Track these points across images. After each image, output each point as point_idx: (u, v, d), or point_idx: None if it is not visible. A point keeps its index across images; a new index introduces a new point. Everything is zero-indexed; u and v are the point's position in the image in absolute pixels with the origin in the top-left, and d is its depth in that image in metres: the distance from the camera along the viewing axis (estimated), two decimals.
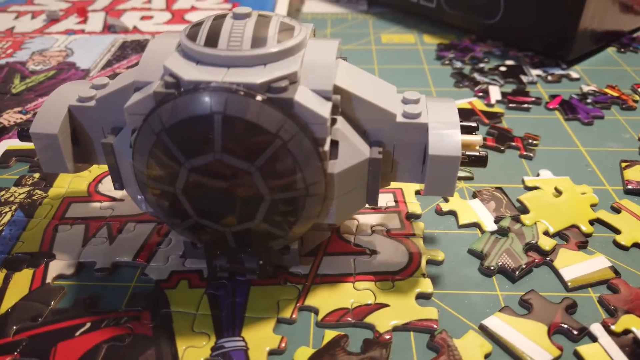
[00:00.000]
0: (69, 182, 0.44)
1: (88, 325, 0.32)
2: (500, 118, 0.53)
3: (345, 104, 0.31)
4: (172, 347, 0.31)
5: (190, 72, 0.29)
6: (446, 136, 0.31)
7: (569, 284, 0.34)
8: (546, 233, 0.38)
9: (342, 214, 0.33)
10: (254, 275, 0.33)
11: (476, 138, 0.34)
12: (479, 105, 0.55)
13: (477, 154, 0.33)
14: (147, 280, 0.35)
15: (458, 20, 0.71)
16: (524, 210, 0.40)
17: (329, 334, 0.31)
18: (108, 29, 0.73)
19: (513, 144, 0.48)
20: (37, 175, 0.45)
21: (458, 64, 0.63)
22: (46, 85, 0.59)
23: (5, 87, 0.59)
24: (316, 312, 0.33)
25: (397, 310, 0.33)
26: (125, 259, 0.36)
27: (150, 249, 0.37)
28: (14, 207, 0.41)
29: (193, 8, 0.81)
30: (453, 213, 0.41)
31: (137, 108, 0.29)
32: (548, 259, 0.36)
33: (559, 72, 0.61)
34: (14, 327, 0.32)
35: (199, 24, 0.31)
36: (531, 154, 0.47)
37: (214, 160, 0.28)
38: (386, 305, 0.33)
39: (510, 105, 0.55)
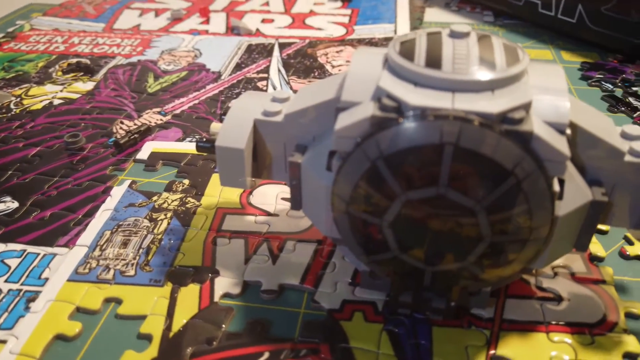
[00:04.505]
0: (219, 192, 0.43)
1: (267, 355, 0.30)
2: None
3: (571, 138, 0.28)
4: None
5: (413, 95, 0.26)
6: None
7: None
8: None
9: (549, 259, 0.30)
10: (438, 316, 0.30)
11: None
12: None
13: None
14: (318, 307, 0.33)
15: (602, 38, 0.65)
16: None
17: None
18: (231, 30, 0.73)
19: None
20: (186, 181, 0.44)
21: (608, 86, 0.58)
22: (180, 86, 0.59)
23: (140, 86, 0.59)
24: None
25: None
26: (292, 282, 0.34)
27: (315, 272, 0.35)
28: (169, 215, 0.40)
29: (312, 12, 0.79)
30: None
31: (349, 131, 0.27)
32: None
33: None
34: (189, 349, 0.30)
35: (409, 41, 0.29)
36: None
37: (436, 194, 0.25)
38: None
39: None
